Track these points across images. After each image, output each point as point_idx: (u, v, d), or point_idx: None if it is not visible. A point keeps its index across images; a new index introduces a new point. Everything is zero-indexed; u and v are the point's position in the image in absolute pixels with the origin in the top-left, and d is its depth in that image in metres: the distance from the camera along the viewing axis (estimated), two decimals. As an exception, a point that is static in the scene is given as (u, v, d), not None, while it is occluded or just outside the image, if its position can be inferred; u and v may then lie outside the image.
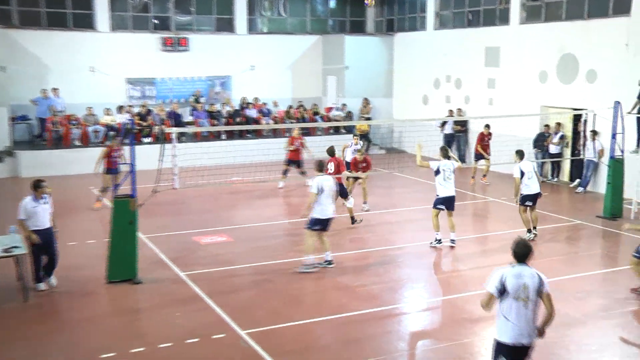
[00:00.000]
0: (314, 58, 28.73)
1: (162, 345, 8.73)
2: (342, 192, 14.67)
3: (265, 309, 10.05)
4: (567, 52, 19.88)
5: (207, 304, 10.22)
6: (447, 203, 13.17)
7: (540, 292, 6.50)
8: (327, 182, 11.70)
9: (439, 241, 13.22)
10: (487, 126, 20.36)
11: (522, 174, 13.55)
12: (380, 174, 20.96)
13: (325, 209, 11.59)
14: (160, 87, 25.46)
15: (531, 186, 13.63)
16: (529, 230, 13.84)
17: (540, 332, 6.63)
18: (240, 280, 11.52)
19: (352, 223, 14.84)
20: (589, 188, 19.07)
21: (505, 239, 13.58)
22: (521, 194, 13.74)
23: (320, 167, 11.97)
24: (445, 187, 13.10)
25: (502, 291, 6.44)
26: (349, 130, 25.16)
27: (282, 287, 11.05)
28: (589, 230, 14.88)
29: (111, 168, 16.41)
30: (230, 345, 8.78)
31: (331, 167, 14.13)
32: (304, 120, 26.20)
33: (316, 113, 27.13)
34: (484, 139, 20.44)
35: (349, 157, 17.12)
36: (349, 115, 27.25)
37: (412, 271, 12.12)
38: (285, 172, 19.02)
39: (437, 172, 13.09)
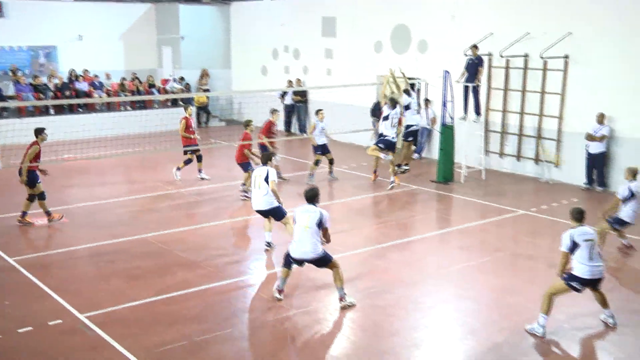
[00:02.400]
0: (147, 28, 27.84)
1: (-10, 337, 8.20)
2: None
3: (106, 290, 9.72)
4: (400, 23, 20.74)
5: (41, 289, 9.70)
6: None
7: (320, 224, 8.90)
8: (259, 172, 11.59)
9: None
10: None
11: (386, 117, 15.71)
12: (220, 146, 20.85)
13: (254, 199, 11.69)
14: (-27, 57, 23.52)
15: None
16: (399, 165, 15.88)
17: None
18: (78, 262, 11.04)
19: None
20: (423, 154, 20.24)
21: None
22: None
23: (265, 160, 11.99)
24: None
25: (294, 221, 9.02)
26: (187, 102, 24.75)
27: (123, 267, 10.73)
28: (424, 195, 15.76)
29: None
30: (68, 331, 8.41)
31: None
32: (139, 93, 25.40)
33: (152, 85, 26.37)
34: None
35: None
36: (186, 87, 26.77)
37: (256, 242, 12.24)
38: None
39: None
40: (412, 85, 20.05)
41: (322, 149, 16.88)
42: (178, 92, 25.53)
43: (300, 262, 9.14)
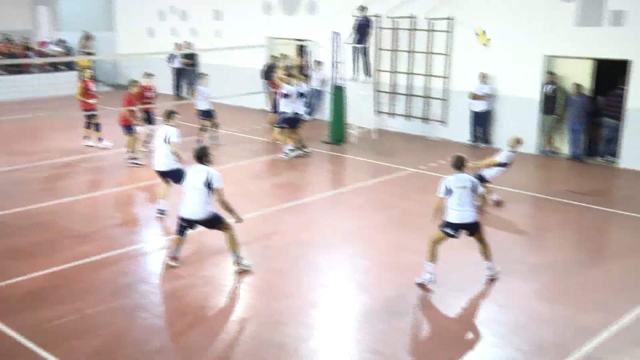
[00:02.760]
0: (18, -15, 26.24)
1: None
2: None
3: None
4: (288, -16, 20.59)
5: None
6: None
7: (209, 184, 8.69)
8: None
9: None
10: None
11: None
12: (108, 112, 20.11)
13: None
14: None
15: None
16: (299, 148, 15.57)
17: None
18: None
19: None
20: (315, 116, 20.35)
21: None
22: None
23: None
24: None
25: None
26: (69, 66, 23.65)
27: (4, 242, 10.22)
28: (317, 156, 15.89)
29: None
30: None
31: None
32: (14, 56, 23.92)
33: (28, 48, 24.94)
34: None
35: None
36: (68, 51, 25.55)
37: (148, 210, 12.00)
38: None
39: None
40: (303, 47, 20.03)
41: (206, 115, 16.63)
42: (59, 56, 24.34)
43: (191, 224, 8.98)
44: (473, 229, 8.64)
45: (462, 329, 7.67)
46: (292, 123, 15.44)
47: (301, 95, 15.53)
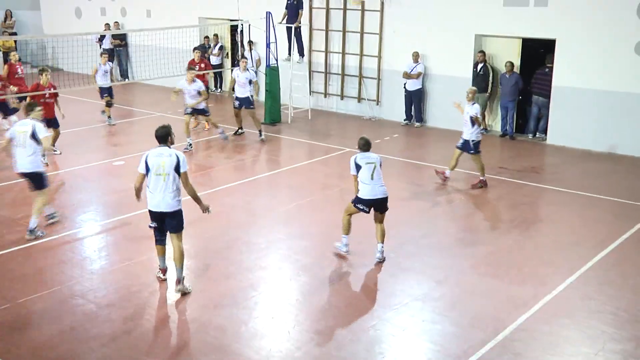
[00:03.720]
0: None
1: None
2: None
3: None
4: (219, -38, 20.20)
5: None
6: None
7: (177, 169, 7.64)
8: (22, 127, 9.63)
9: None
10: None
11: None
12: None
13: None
14: None
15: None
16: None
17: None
18: None
19: None
20: (249, 97, 20.10)
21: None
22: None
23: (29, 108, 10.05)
24: None
25: (147, 169, 7.63)
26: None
27: None
28: (253, 137, 15.70)
29: None
30: None
31: None
32: None
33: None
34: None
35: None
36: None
37: (84, 195, 11.66)
38: None
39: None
40: (236, 27, 19.76)
41: (108, 92, 16.76)
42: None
43: (160, 220, 7.84)
44: (382, 206, 8.85)
45: (400, 305, 7.73)
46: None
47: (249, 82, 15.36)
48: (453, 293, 8.02)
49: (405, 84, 16.97)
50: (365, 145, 8.91)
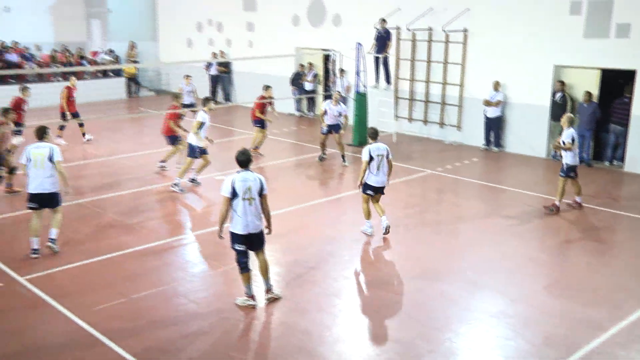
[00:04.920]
0: (75, 1, 26.44)
1: None
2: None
3: (42, 253, 9.24)
4: (316, -2, 20.49)
5: (-25, 256, 9.18)
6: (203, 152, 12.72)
7: (261, 192, 7.53)
8: (40, 150, 9.16)
9: (194, 180, 13.03)
10: (268, 88, 15.45)
11: None
12: (150, 116, 20.20)
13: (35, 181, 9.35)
14: None
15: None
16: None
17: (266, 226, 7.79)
18: (11, 229, 10.48)
19: None
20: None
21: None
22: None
23: (40, 134, 9.45)
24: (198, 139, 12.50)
25: (234, 194, 7.39)
26: (117, 73, 23.82)
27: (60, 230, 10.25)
28: (339, 159, 15.68)
29: None
30: (9, 293, 8.01)
31: None
32: (70, 64, 24.19)
33: (82, 57, 25.20)
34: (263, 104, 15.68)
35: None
36: (115, 59, 25.73)
37: (183, 207, 11.97)
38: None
39: (202, 124, 12.49)
40: (328, 56, 19.94)
41: (188, 106, 17.23)
42: (108, 64, 24.51)
43: (249, 242, 7.63)
44: (381, 191, 10.15)
45: (476, 320, 7.49)
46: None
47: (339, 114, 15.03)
48: (527, 312, 7.70)
49: (485, 111, 16.60)
50: (374, 134, 10.00)
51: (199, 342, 6.90)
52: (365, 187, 10.04)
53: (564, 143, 11.37)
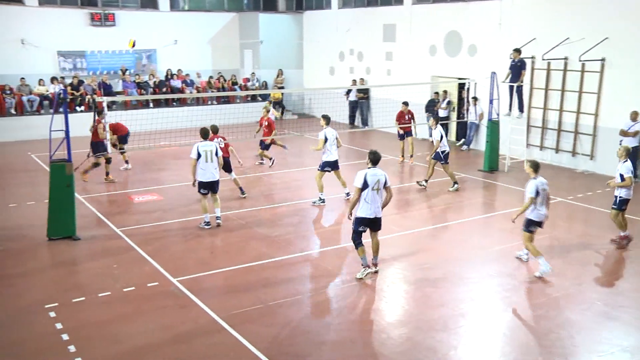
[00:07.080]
0: (231, 33, 28.08)
1: (101, 294, 8.48)
2: (226, 166, 13.50)
3: (193, 259, 9.92)
4: (452, 30, 20.29)
5: (141, 256, 9.99)
6: (333, 166, 13.06)
7: (385, 185, 8.83)
8: (209, 147, 11.24)
9: (322, 200, 13.11)
10: (406, 103, 17.63)
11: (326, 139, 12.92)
12: (293, 137, 20.92)
13: (207, 172, 11.23)
14: (90, 59, 24.31)
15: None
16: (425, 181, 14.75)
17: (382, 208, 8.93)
18: (170, 234, 11.28)
19: (242, 194, 13.62)
20: (472, 146, 19.82)
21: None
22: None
23: (204, 134, 11.50)
24: (331, 152, 12.93)
25: (365, 185, 8.65)
26: (264, 98, 24.92)
27: (208, 240, 10.92)
28: (472, 182, 15.42)
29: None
30: (163, 291, 8.64)
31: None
32: (223, 89, 25.74)
33: (234, 83, 26.67)
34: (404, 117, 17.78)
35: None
36: (264, 85, 26.95)
37: (321, 221, 12.24)
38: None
39: (326, 139, 12.84)
40: (463, 85, 19.65)
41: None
42: (257, 90, 25.73)
43: (370, 224, 8.89)
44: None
45: (607, 353, 7.02)
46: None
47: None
48: (662, 348, 7.12)
49: (621, 141, 15.53)
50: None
51: (329, 350, 7.03)
52: (529, 222, 9.35)
53: (621, 177, 10.28)
